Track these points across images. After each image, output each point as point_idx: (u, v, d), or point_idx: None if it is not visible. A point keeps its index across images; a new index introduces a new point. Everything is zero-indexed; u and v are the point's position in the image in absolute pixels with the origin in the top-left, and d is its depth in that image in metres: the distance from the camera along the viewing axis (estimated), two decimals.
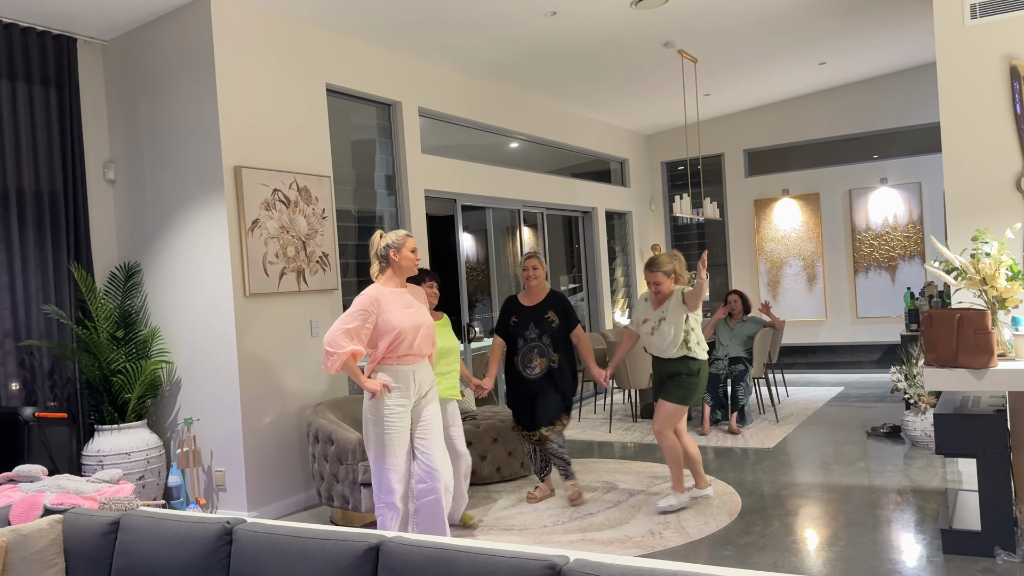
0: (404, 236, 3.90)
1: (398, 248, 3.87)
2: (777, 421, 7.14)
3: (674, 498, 4.74)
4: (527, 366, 4.99)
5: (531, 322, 4.99)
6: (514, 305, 5.11)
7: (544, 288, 5.10)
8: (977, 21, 4.92)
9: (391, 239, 3.89)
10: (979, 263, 3.76)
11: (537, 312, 5.01)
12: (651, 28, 6.59)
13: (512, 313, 5.08)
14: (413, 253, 3.90)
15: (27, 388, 4.91)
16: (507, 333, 5.07)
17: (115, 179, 5.56)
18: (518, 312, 5.06)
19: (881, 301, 9.67)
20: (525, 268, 5.05)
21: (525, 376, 4.99)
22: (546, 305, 5.03)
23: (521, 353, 5.00)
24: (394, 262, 3.88)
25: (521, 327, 5.01)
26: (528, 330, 4.99)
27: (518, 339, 5.01)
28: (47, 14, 4.94)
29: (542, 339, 4.97)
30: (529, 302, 5.07)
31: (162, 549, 2.58)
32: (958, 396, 4.21)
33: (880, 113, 9.56)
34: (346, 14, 5.56)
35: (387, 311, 3.79)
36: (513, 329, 5.03)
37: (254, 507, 5.04)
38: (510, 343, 5.06)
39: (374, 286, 3.87)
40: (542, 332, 4.98)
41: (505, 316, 5.10)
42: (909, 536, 4.07)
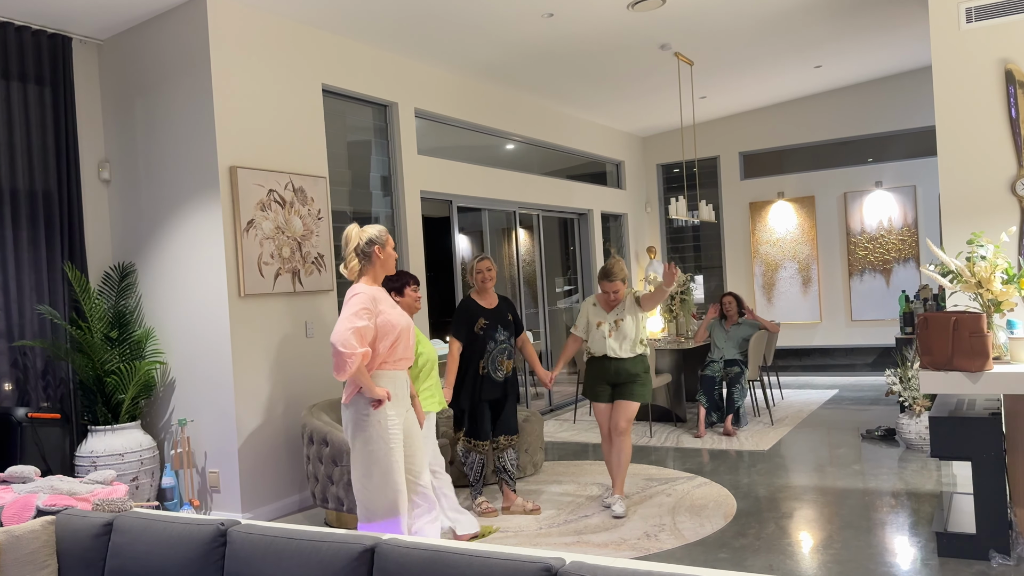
0: (385, 231, 3.58)
1: (383, 245, 3.54)
2: (772, 424, 7.14)
3: (623, 502, 4.81)
4: (497, 369, 4.87)
5: (498, 324, 4.90)
6: (478, 307, 4.89)
7: (493, 292, 5.01)
8: (972, 25, 4.93)
9: (374, 233, 3.53)
10: (975, 266, 3.76)
11: (501, 314, 4.94)
12: (648, 30, 6.59)
13: (479, 315, 4.87)
14: (393, 251, 3.61)
15: (20, 388, 4.88)
16: (472, 337, 4.85)
17: (110, 179, 5.54)
18: (485, 314, 4.89)
19: (876, 304, 9.69)
20: (480, 271, 4.91)
21: (494, 379, 4.86)
22: (504, 307, 4.98)
23: (491, 356, 4.85)
24: (377, 259, 3.53)
25: (491, 329, 4.87)
26: (498, 332, 4.88)
27: (488, 342, 4.84)
28: (42, 13, 4.92)
29: (509, 341, 4.93)
30: (489, 304, 4.95)
31: (156, 551, 2.57)
32: (953, 399, 4.22)
33: (875, 116, 9.58)
34: (342, 14, 5.56)
35: (385, 311, 3.48)
36: (484, 332, 4.84)
37: (248, 509, 5.02)
38: (477, 346, 4.83)
39: (362, 285, 3.50)
40: (509, 334, 4.94)
41: (471, 318, 4.85)
42: (904, 539, 4.07)
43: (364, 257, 3.52)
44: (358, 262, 3.53)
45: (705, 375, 7.01)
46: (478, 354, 4.86)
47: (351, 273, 3.55)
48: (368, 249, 3.51)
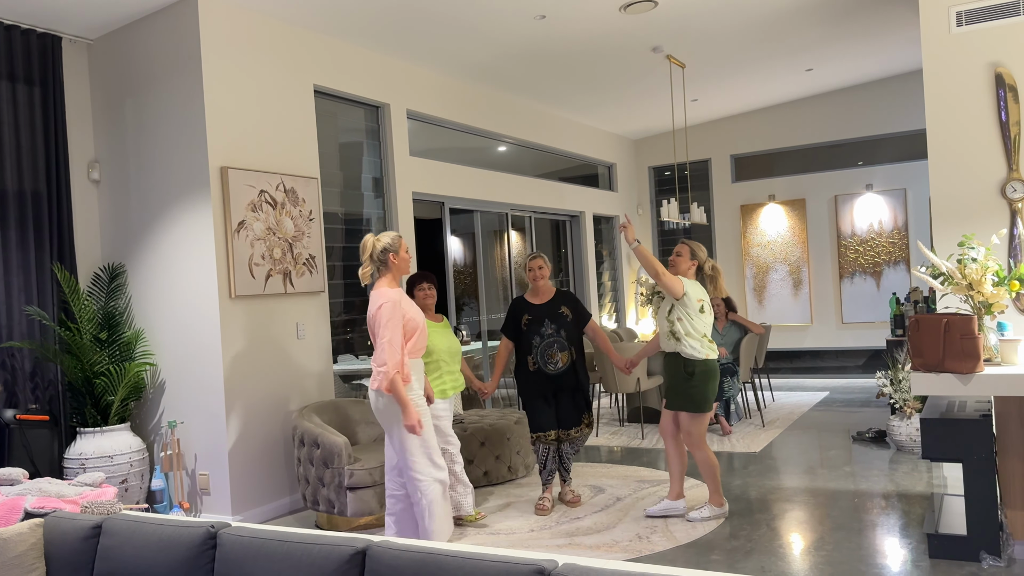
0: (398, 237, 3.96)
1: (396, 251, 3.93)
2: (763, 426, 7.15)
3: (708, 510, 4.59)
4: (548, 361, 4.91)
5: (545, 318, 4.94)
6: (523, 304, 5.03)
7: (550, 286, 5.08)
8: (963, 29, 4.96)
9: (387, 241, 3.93)
10: (965, 268, 3.78)
11: (550, 308, 4.98)
12: (639, 33, 6.60)
13: (523, 312, 4.99)
14: (407, 254, 3.99)
15: (8, 390, 4.84)
16: (519, 333, 4.99)
17: (100, 179, 5.51)
18: (530, 310, 4.99)
19: (866, 306, 9.72)
20: (531, 268, 5.03)
21: (547, 372, 4.91)
22: (558, 301, 5.02)
23: (539, 350, 4.91)
24: (393, 265, 3.93)
25: (536, 324, 4.94)
26: (544, 326, 4.93)
27: (533, 337, 4.92)
28: (31, 12, 4.89)
29: (559, 334, 4.93)
30: (539, 300, 5.03)
31: (145, 553, 2.55)
32: (944, 401, 4.23)
33: (866, 120, 9.62)
34: (334, 15, 5.54)
35: (407, 309, 3.90)
36: (527, 327, 4.94)
37: (238, 511, 5.00)
38: (524, 342, 4.96)
39: (385, 290, 3.87)
40: (559, 327, 4.94)
41: (515, 316, 5.01)
42: (895, 540, 4.08)
43: (381, 264, 3.94)
44: (372, 268, 3.95)
45: None
46: (526, 350, 4.96)
47: (365, 278, 3.94)
48: (383, 256, 3.93)
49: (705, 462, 4.58)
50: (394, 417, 3.86)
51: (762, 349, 7.97)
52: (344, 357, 6.14)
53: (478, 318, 7.88)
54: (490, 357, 7.81)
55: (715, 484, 4.59)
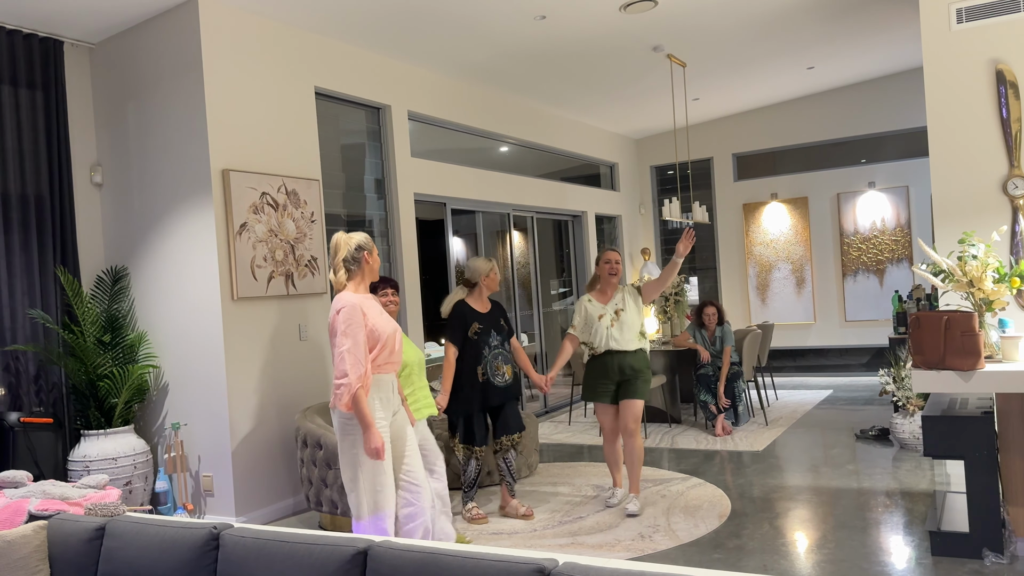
0: (369, 238, 3.57)
1: (370, 250, 3.53)
2: (766, 424, 7.15)
3: (639, 500, 4.85)
4: (496, 373, 4.80)
5: (492, 329, 4.84)
6: (471, 311, 4.81)
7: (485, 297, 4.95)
8: (963, 26, 4.95)
9: (361, 240, 3.51)
10: (966, 266, 3.78)
11: (494, 319, 4.88)
12: (640, 32, 6.61)
13: (472, 320, 4.79)
14: (378, 258, 3.61)
15: (12, 393, 4.86)
16: (468, 341, 4.78)
17: (102, 182, 5.53)
18: (479, 319, 4.81)
19: (869, 304, 9.71)
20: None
21: (496, 384, 4.80)
22: (496, 312, 4.93)
23: (486, 361, 4.78)
24: (367, 265, 3.51)
25: (485, 334, 4.80)
26: (491, 337, 4.82)
27: (483, 347, 4.76)
28: (33, 16, 4.91)
29: (503, 346, 4.87)
30: (482, 308, 4.87)
31: (148, 555, 2.56)
32: (946, 398, 4.23)
33: (868, 117, 9.61)
34: (335, 17, 5.55)
35: (372, 318, 3.45)
36: (477, 336, 4.77)
37: (242, 512, 5.01)
38: (472, 352, 4.76)
39: (348, 294, 3.44)
40: (503, 339, 4.89)
41: (465, 323, 4.78)
42: (898, 538, 4.08)
43: (354, 263, 3.49)
44: (345, 270, 3.50)
45: (701, 374, 7.02)
46: (474, 360, 4.77)
47: (340, 283, 3.50)
48: (358, 255, 3.50)
49: (642, 449, 4.94)
50: (353, 438, 3.40)
51: (764, 348, 7.97)
52: None
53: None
54: None
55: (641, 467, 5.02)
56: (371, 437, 3.31)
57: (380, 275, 3.88)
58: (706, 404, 6.94)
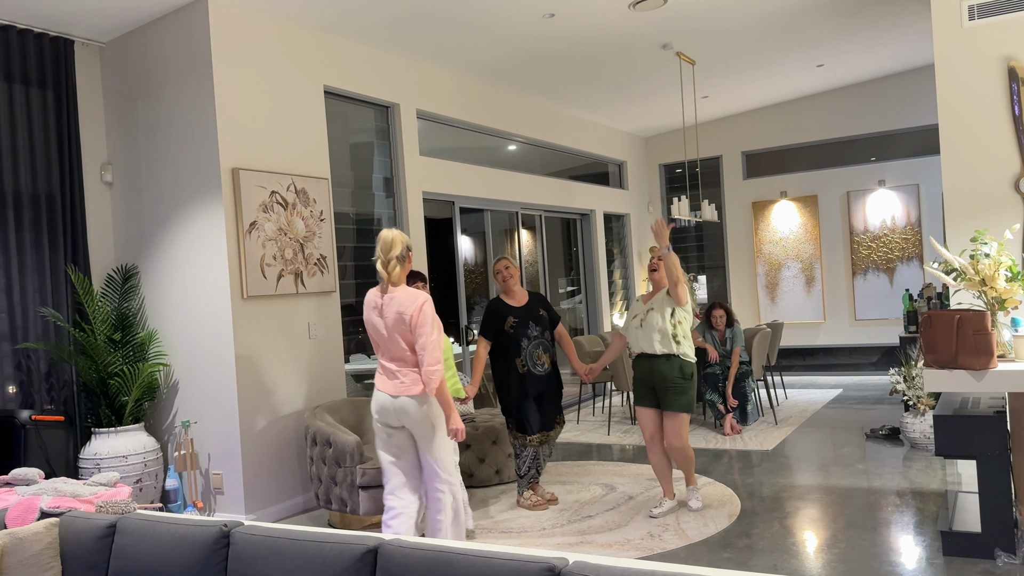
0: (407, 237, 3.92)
1: (411, 248, 3.88)
2: (776, 423, 7.13)
3: (698, 493, 4.83)
4: (536, 364, 4.94)
5: (530, 320, 4.99)
6: (505, 307, 5.00)
7: (522, 288, 5.12)
8: (975, 23, 4.92)
9: (408, 239, 3.89)
10: (978, 264, 3.75)
11: (531, 311, 5.02)
12: (649, 30, 6.59)
13: (507, 314, 4.98)
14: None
15: (24, 391, 4.89)
16: (503, 335, 4.96)
17: (112, 181, 5.55)
18: (514, 312, 4.99)
19: (879, 303, 9.67)
20: (498, 271, 5.04)
21: (536, 374, 4.94)
22: (536, 303, 5.07)
23: (526, 352, 4.94)
24: (408, 262, 3.81)
25: (522, 327, 4.96)
26: (530, 328, 4.97)
27: (521, 339, 4.94)
28: (44, 16, 4.93)
29: (544, 335, 5.00)
30: (517, 303, 5.03)
31: (159, 552, 2.57)
32: (957, 397, 4.20)
33: (878, 115, 9.57)
34: (344, 16, 5.56)
35: None
36: (514, 330, 4.95)
37: (252, 510, 5.03)
38: (510, 345, 4.94)
39: (414, 289, 3.77)
40: (543, 329, 5.00)
41: (498, 319, 4.96)
42: (909, 538, 4.06)
43: (401, 261, 3.75)
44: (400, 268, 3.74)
45: (708, 374, 7.01)
46: (515, 352, 4.94)
47: (399, 277, 3.73)
48: (407, 253, 3.79)
49: (692, 456, 4.76)
50: (435, 421, 3.75)
51: (774, 346, 7.95)
52: (356, 356, 6.16)
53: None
54: None
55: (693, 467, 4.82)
56: (454, 418, 3.69)
57: None
58: (713, 403, 6.93)
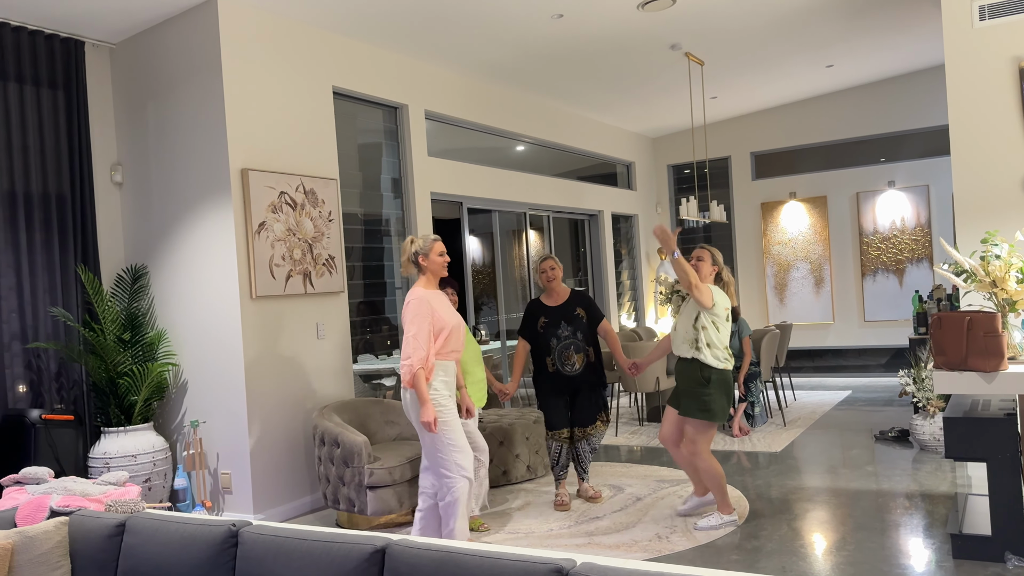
0: (432, 241, 4.08)
1: (426, 253, 4.06)
2: (785, 425, 7.11)
3: (716, 519, 4.43)
4: (566, 363, 4.98)
5: (562, 320, 5.01)
6: (539, 307, 5.10)
7: (565, 287, 5.14)
8: (986, 23, 4.90)
9: (419, 244, 4.07)
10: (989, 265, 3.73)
11: (566, 310, 5.04)
12: (658, 30, 6.58)
13: (539, 314, 5.06)
14: (441, 256, 4.09)
15: (34, 390, 4.92)
16: (535, 335, 5.05)
17: (122, 181, 5.58)
18: (546, 312, 5.05)
19: (889, 304, 9.62)
20: (543, 270, 5.08)
21: (565, 374, 4.98)
22: (573, 302, 5.07)
23: (556, 352, 4.98)
24: (423, 267, 4.07)
25: (552, 327, 5.01)
26: (560, 328, 5.00)
27: (551, 339, 4.99)
28: (55, 17, 4.96)
29: (576, 335, 5.00)
30: (554, 302, 5.08)
31: (168, 551, 2.58)
32: (967, 400, 4.18)
33: (888, 116, 9.53)
34: (353, 17, 5.57)
35: (437, 309, 4.00)
36: (544, 330, 5.01)
37: (260, 510, 5.04)
38: (541, 344, 5.02)
39: (419, 289, 4.02)
40: (575, 329, 5.00)
41: (532, 318, 5.08)
42: (918, 540, 4.04)
43: (414, 265, 4.10)
44: (416, 269, 4.11)
45: None
46: (545, 351, 5.02)
47: (416, 279, 4.20)
48: (414, 259, 4.09)
49: (709, 471, 4.42)
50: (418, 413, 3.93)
51: (783, 348, 7.92)
52: (364, 357, 6.17)
53: (496, 317, 7.89)
54: (508, 357, 7.81)
55: (722, 493, 4.44)
56: (425, 411, 3.82)
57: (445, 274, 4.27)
58: None
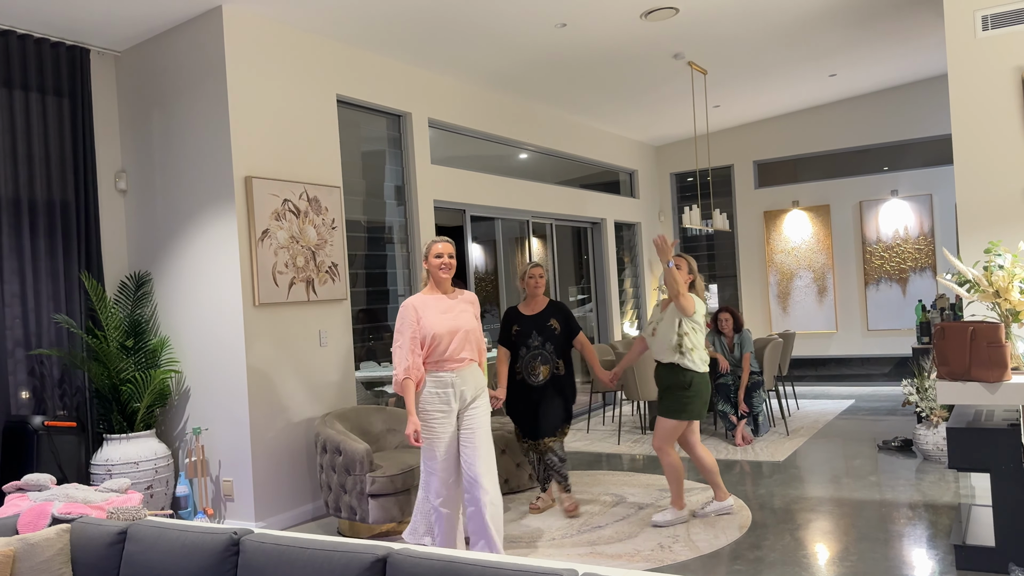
0: (431, 242, 3.99)
1: (425, 256, 3.99)
2: (787, 434, 7.09)
3: (671, 513, 4.72)
4: (531, 374, 4.99)
5: (533, 330, 5.01)
6: (515, 315, 5.11)
7: (544, 298, 5.14)
8: (989, 33, 4.90)
9: (425, 248, 4.01)
10: (992, 276, 3.73)
11: (539, 320, 5.04)
12: (661, 39, 6.59)
13: (513, 322, 5.08)
14: (437, 259, 3.93)
15: (37, 397, 4.92)
16: (510, 343, 5.07)
17: (126, 189, 5.59)
18: (519, 321, 5.06)
19: (892, 314, 9.61)
20: (532, 276, 5.08)
21: (529, 384, 4.99)
22: (548, 313, 5.06)
23: (524, 361, 5.00)
24: (426, 269, 3.99)
25: (523, 336, 5.02)
26: (531, 338, 5.00)
27: (520, 348, 5.02)
28: (61, 25, 4.99)
29: (545, 347, 4.99)
30: (530, 311, 5.09)
31: (169, 559, 2.57)
32: (971, 410, 4.17)
33: (891, 125, 9.53)
34: (357, 25, 5.59)
35: (423, 316, 3.84)
36: (516, 338, 5.03)
37: (261, 517, 5.03)
38: (512, 352, 5.06)
39: (414, 296, 3.94)
40: (545, 340, 5.00)
41: (507, 326, 5.10)
42: (922, 551, 4.02)
43: (425, 270, 4.02)
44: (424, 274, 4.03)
45: (720, 384, 6.98)
46: (514, 360, 5.05)
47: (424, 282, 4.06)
48: (423, 263, 4.01)
49: (672, 466, 4.72)
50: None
51: (786, 356, 7.91)
52: (366, 364, 6.17)
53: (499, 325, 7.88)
54: None
55: (679, 488, 4.74)
56: (408, 423, 3.73)
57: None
58: (725, 414, 6.90)
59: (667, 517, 4.69)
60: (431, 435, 3.83)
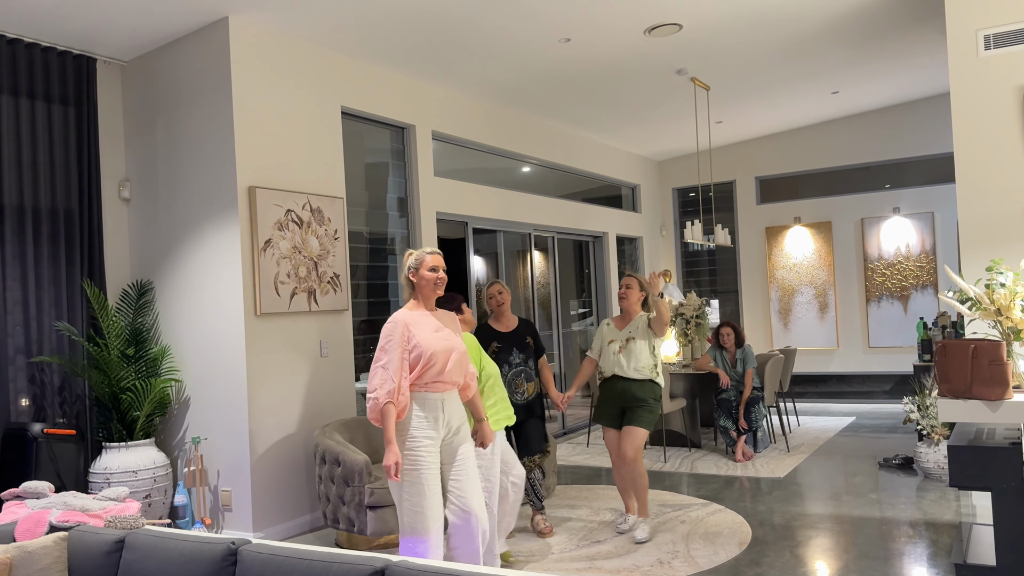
0: (424, 254, 3.56)
1: (416, 268, 3.54)
2: (788, 451, 7.07)
3: (647, 526, 4.77)
4: (515, 391, 4.89)
5: (513, 347, 4.92)
6: (491, 332, 4.96)
7: (512, 315, 5.05)
8: (991, 52, 4.92)
9: (412, 260, 3.57)
10: (994, 293, 3.73)
11: (517, 337, 4.95)
12: (664, 55, 6.63)
13: (492, 339, 4.93)
14: (432, 272, 3.52)
15: (37, 404, 4.92)
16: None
17: (130, 198, 5.61)
18: (499, 338, 4.93)
19: (893, 331, 9.60)
20: (491, 295, 4.98)
21: (515, 402, 4.88)
22: (523, 330, 5.00)
23: (508, 378, 4.88)
24: (416, 284, 3.55)
25: (505, 352, 4.90)
26: (512, 355, 4.90)
27: (502, 365, 4.87)
28: (68, 34, 5.02)
29: (527, 364, 4.93)
30: (505, 328, 4.97)
31: (166, 568, 2.56)
32: (972, 428, 4.16)
33: (893, 142, 9.56)
34: (362, 38, 5.62)
35: (416, 333, 3.43)
36: (496, 355, 4.89)
37: (259, 528, 5.02)
38: None
39: (400, 311, 3.50)
40: (527, 357, 4.94)
41: (483, 343, 4.92)
42: (922, 570, 4.00)
43: (409, 284, 3.58)
44: (408, 290, 3.60)
45: (722, 399, 6.97)
46: None
47: (406, 299, 3.62)
48: (408, 275, 3.58)
49: (645, 476, 4.83)
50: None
51: (787, 373, 7.90)
52: (367, 375, 6.16)
53: None
54: None
55: (647, 496, 4.87)
56: (387, 454, 3.27)
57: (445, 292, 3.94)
58: (726, 430, 6.88)
59: (646, 533, 4.71)
60: (418, 466, 3.35)
